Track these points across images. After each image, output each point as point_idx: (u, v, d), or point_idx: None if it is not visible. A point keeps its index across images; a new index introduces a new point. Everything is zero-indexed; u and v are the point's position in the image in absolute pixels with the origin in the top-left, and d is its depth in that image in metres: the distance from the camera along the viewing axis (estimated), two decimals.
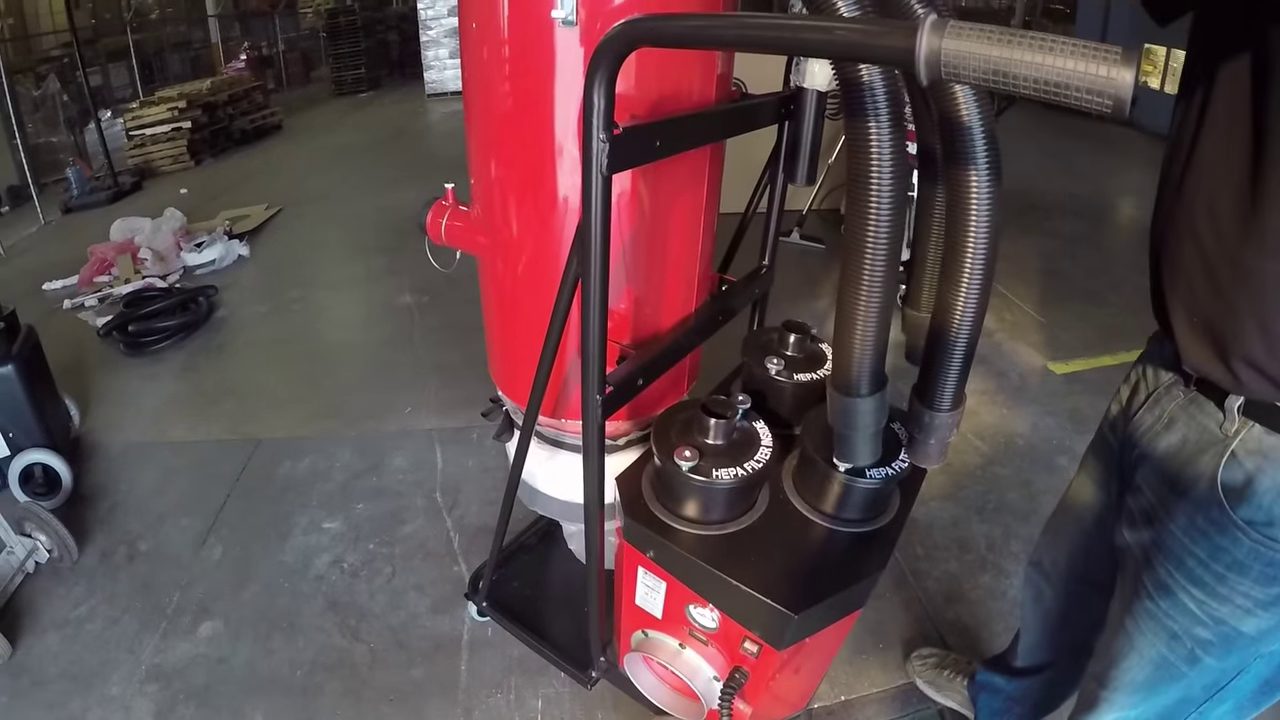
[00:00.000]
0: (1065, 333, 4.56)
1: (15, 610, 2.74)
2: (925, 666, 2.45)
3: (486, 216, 1.81)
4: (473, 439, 3.48)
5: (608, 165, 1.21)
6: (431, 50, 14.70)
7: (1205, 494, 1.17)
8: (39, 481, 3.25)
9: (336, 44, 16.81)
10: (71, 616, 2.73)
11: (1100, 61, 0.69)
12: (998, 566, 2.83)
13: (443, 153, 9.32)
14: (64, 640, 2.64)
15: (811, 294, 4.91)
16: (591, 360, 1.40)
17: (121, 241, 5.96)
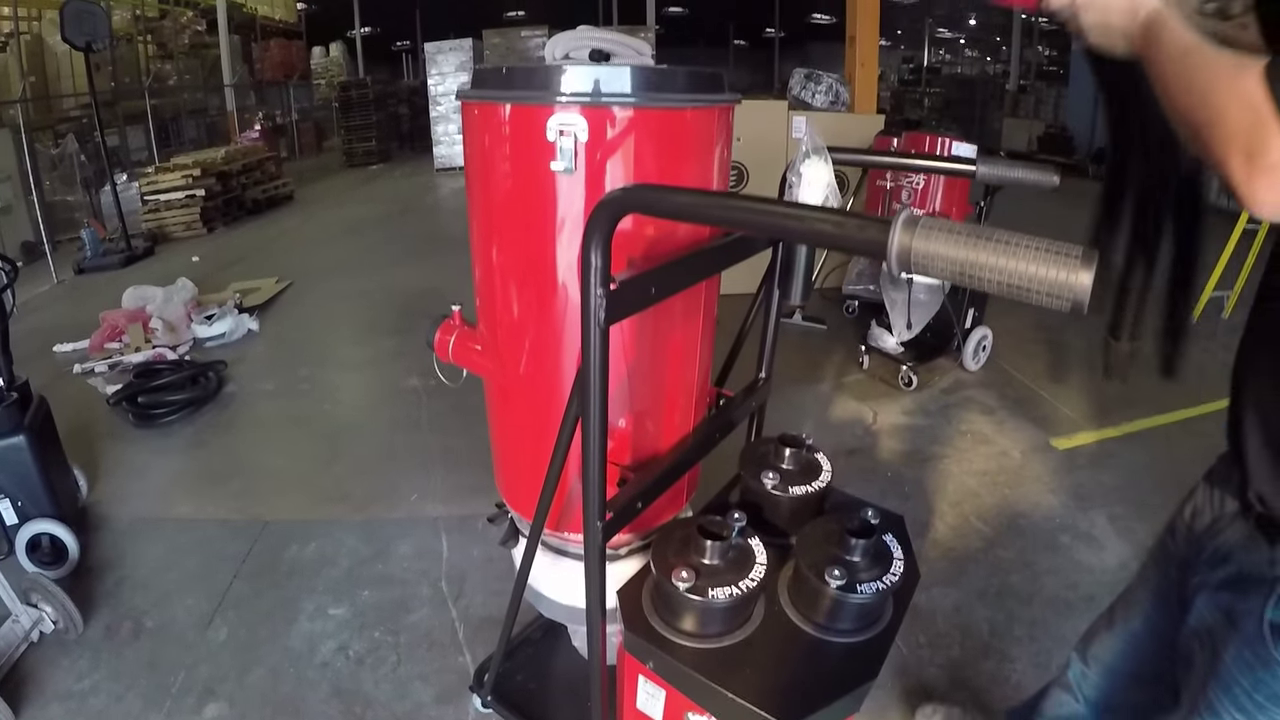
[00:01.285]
0: (1066, 406, 4.63)
1: (18, 679, 2.75)
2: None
3: (491, 340, 1.90)
4: (478, 528, 3.50)
5: (605, 318, 1.30)
6: (441, 125, 14.97)
7: (1254, 630, 1.23)
8: (46, 551, 3.28)
9: (348, 116, 17.13)
10: (75, 689, 2.74)
11: (1059, 266, 0.79)
12: (1001, 652, 2.82)
13: (450, 231, 9.45)
14: (67, 713, 2.65)
15: (814, 376, 4.99)
16: (592, 490, 1.47)
17: (133, 309, 6.05)
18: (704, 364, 2.01)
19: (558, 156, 1.51)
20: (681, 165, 1.65)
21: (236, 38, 18.35)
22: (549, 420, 1.75)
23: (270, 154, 12.59)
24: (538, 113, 1.51)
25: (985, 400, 4.72)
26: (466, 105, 1.69)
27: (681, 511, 2.19)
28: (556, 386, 1.76)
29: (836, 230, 0.96)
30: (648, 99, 1.52)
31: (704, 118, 1.66)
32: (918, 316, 4.64)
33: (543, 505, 1.74)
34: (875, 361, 5.11)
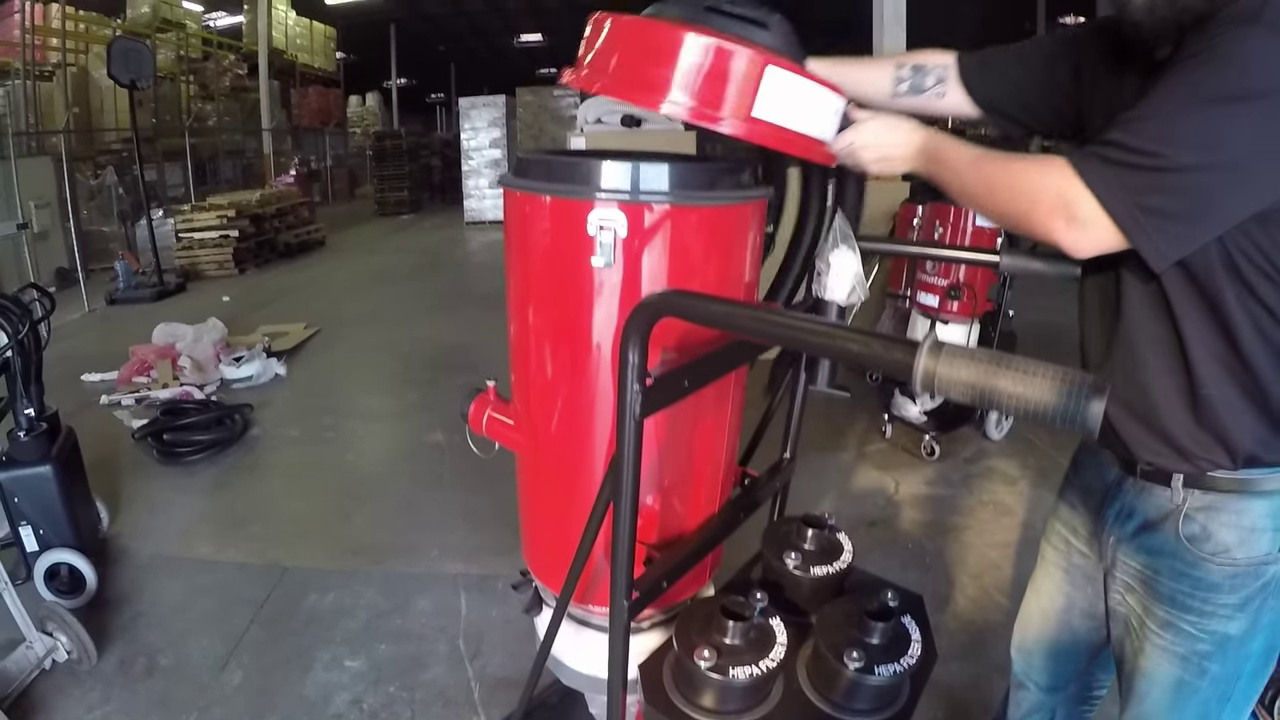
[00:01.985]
0: None
1: (27, 705, 2.76)
2: None
3: (524, 417, 1.92)
4: (498, 588, 3.49)
5: (640, 412, 1.34)
6: (472, 179, 15.13)
7: (1176, 547, 1.49)
8: (64, 580, 3.30)
9: (382, 165, 17.38)
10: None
11: (1073, 396, 0.84)
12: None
13: (479, 286, 9.52)
14: None
15: (836, 445, 4.97)
16: (620, 570, 1.49)
17: (163, 345, 6.13)
18: (731, 446, 2.03)
19: (597, 251, 1.55)
20: (717, 258, 1.70)
21: (276, 83, 18.76)
22: (578, 498, 1.78)
23: (304, 199, 12.79)
24: (578, 207, 1.56)
25: (1008, 470, 4.67)
26: (508, 192, 1.74)
27: (704, 588, 2.21)
28: (587, 466, 1.78)
29: (864, 350, 1.01)
30: (685, 197, 1.57)
31: (739, 213, 1.71)
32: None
33: (571, 579, 1.76)
34: (898, 430, 5.09)
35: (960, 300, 4.59)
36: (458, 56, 32.25)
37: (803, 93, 1.52)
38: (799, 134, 1.55)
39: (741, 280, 1.78)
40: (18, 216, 8.42)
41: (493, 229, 14.17)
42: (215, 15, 19.71)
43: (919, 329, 4.82)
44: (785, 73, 1.48)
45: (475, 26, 27.98)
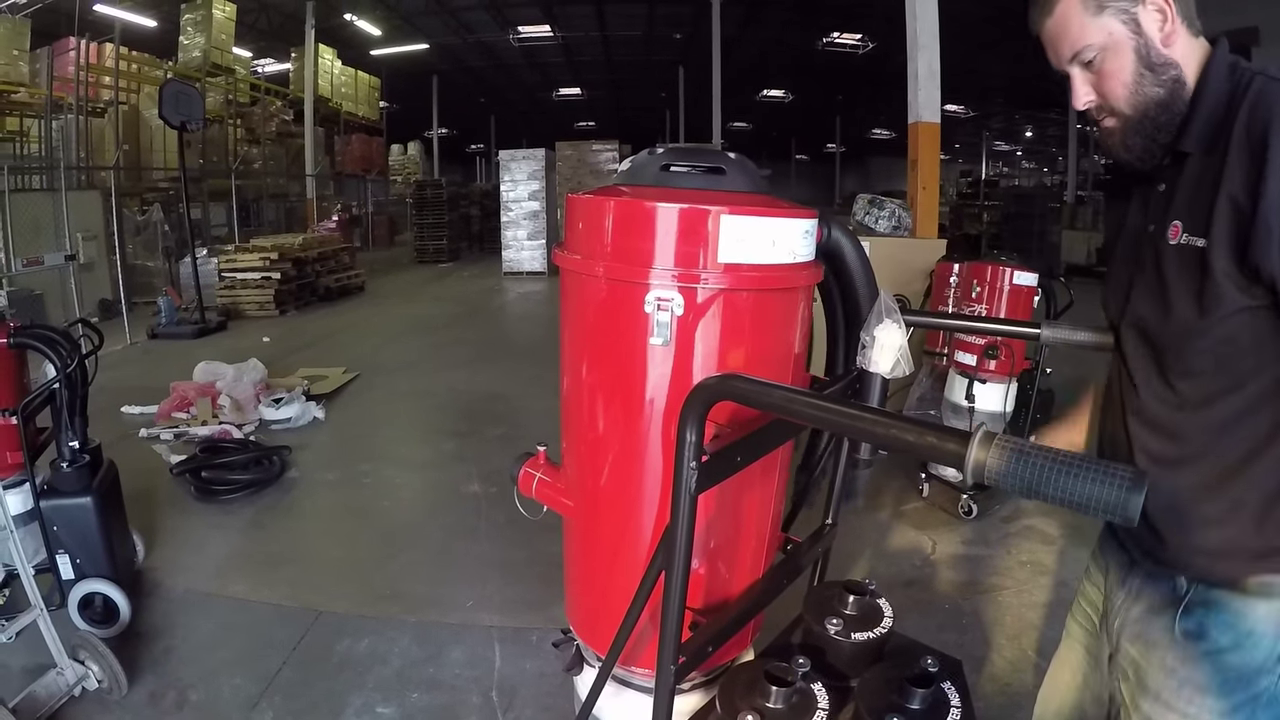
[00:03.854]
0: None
1: None
2: None
3: (576, 483, 1.95)
4: (532, 641, 3.48)
5: (695, 488, 1.37)
6: (510, 230, 15.29)
7: (1169, 640, 1.46)
8: (98, 610, 3.33)
9: (422, 213, 17.60)
10: None
11: (1115, 487, 0.89)
12: None
13: (516, 337, 9.64)
14: None
15: (873, 504, 4.92)
16: (669, 637, 1.50)
17: (203, 383, 6.21)
18: (776, 513, 2.04)
19: (654, 331, 1.59)
20: (770, 331, 1.74)
21: (321, 130, 19.18)
22: (625, 563, 1.81)
23: (345, 244, 12.98)
24: (635, 287, 1.60)
25: (1046, 529, 4.59)
26: (562, 259, 1.78)
27: (745, 651, 2.21)
28: (636, 533, 1.81)
29: (918, 441, 1.05)
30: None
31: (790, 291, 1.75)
32: None
33: (617, 644, 1.76)
34: (935, 489, 5.03)
35: (998, 359, 4.57)
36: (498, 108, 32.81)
37: (765, 229, 1.59)
38: (774, 266, 1.62)
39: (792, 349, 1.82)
40: (65, 248, 8.59)
41: (530, 280, 14.34)
42: (264, 62, 20.25)
43: (957, 388, 4.81)
44: (741, 217, 1.56)
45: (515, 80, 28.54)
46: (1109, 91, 1.39)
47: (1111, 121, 1.42)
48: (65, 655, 2.86)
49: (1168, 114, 1.36)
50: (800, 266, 1.70)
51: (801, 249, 1.68)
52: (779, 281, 1.67)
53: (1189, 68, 1.36)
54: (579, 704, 2.12)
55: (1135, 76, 1.35)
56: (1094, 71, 1.39)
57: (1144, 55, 1.34)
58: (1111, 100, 1.39)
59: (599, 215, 1.67)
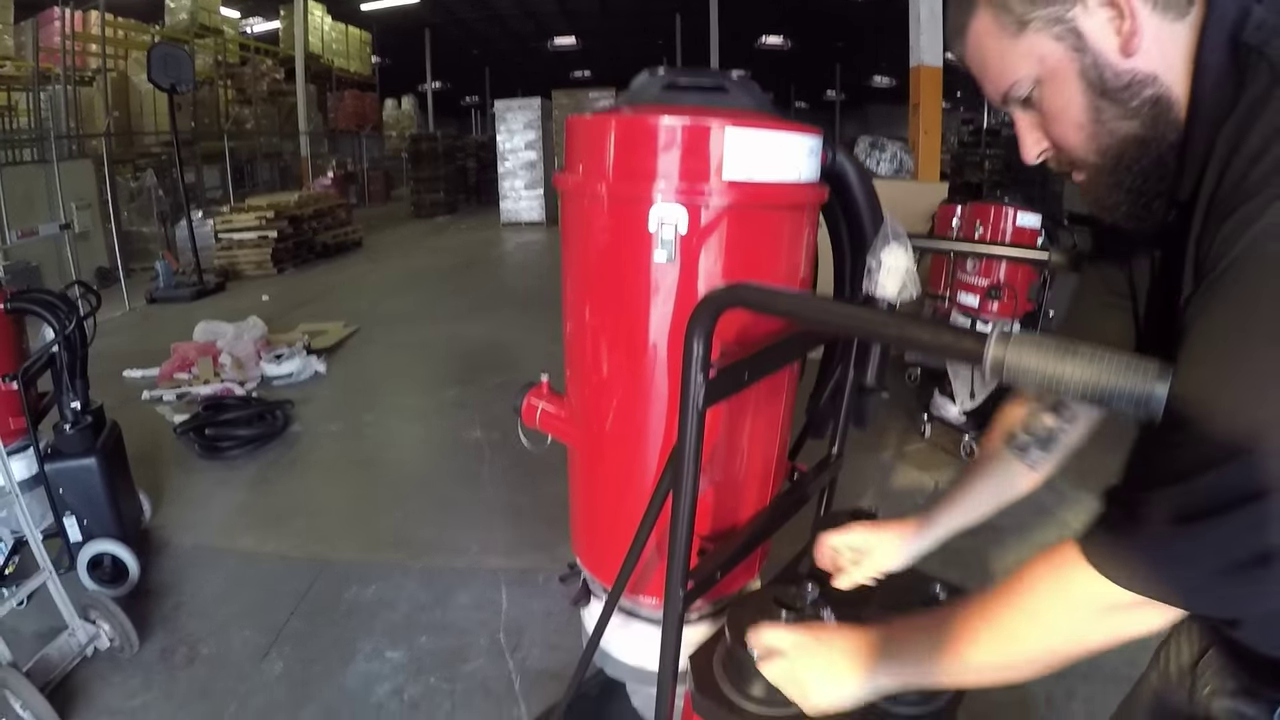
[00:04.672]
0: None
1: (69, 691, 2.77)
2: None
3: (580, 411, 1.92)
4: (538, 582, 3.49)
5: (703, 403, 1.33)
6: (507, 181, 15.19)
7: None
8: (106, 570, 3.33)
9: (418, 168, 17.48)
10: (125, 707, 2.76)
11: (1139, 380, 0.83)
12: None
13: (514, 286, 9.63)
14: None
15: (876, 444, 4.91)
16: (677, 561, 1.48)
17: (204, 343, 6.18)
18: (783, 440, 2.02)
19: (658, 246, 1.55)
20: (776, 251, 1.71)
21: (313, 87, 18.95)
22: (632, 490, 1.78)
23: (341, 201, 12.89)
24: (638, 205, 1.56)
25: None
26: (563, 181, 1.75)
27: (752, 581, 2.20)
28: (642, 459, 1.78)
29: (933, 339, 0.99)
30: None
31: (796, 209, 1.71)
32: (981, 387, 4.64)
33: (624, 572, 1.75)
34: (937, 430, 5.03)
35: (1000, 300, 4.55)
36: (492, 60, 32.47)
37: (769, 143, 1.54)
38: (779, 184, 1.58)
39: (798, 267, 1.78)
40: (60, 217, 8.53)
41: (528, 230, 14.28)
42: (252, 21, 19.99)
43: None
44: (746, 129, 1.50)
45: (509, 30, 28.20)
46: (1061, 137, 1.03)
47: (1080, 175, 1.06)
48: (76, 616, 2.86)
49: (1149, 153, 0.98)
50: (805, 186, 1.66)
51: (806, 167, 1.64)
52: (784, 198, 1.63)
53: (1174, 70, 0.95)
54: (586, 638, 2.11)
55: (1090, 112, 0.98)
56: (1037, 110, 1.04)
57: (1096, 80, 0.95)
58: (1068, 147, 1.03)
59: (600, 134, 1.63)
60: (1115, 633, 0.98)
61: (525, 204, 15.12)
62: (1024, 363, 0.88)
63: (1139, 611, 0.94)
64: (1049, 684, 2.94)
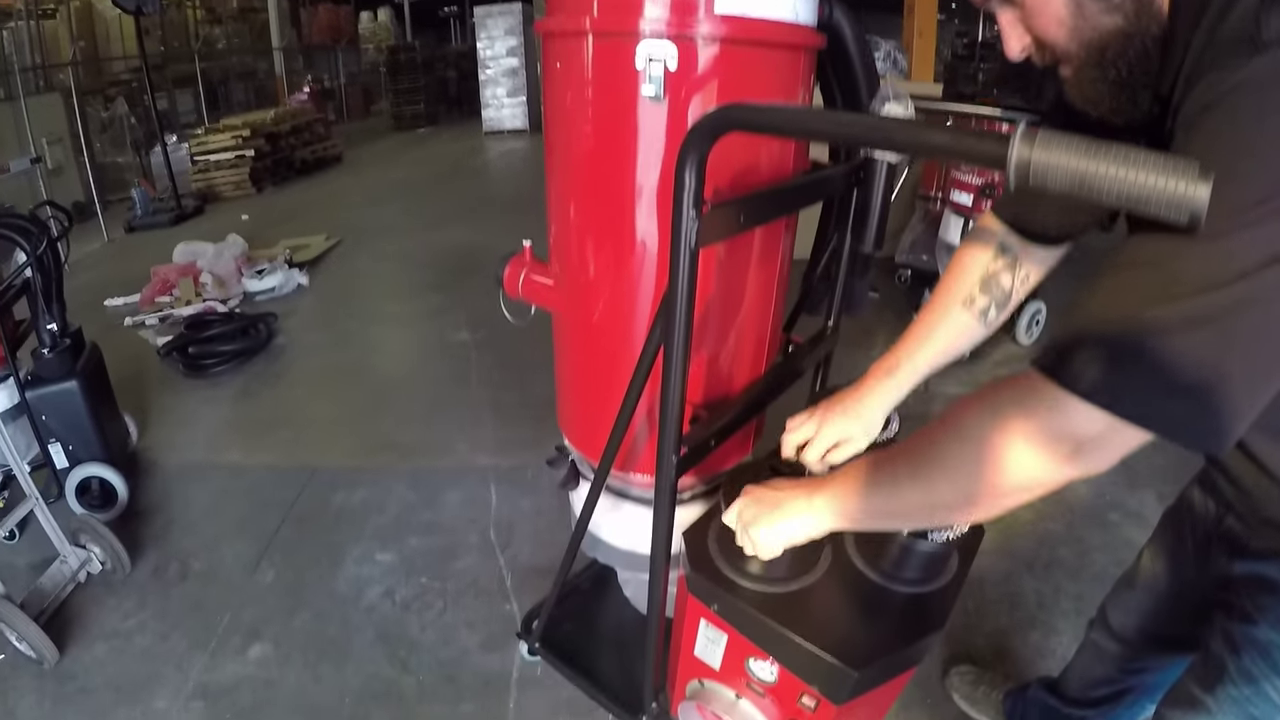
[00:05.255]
0: None
1: (65, 618, 2.76)
2: (963, 682, 2.47)
3: (565, 276, 1.84)
4: (527, 478, 3.47)
5: (696, 240, 1.24)
6: (489, 89, 14.88)
7: None
8: (95, 494, 3.30)
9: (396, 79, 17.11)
10: (121, 628, 2.75)
11: (1178, 179, 0.73)
12: (1048, 625, 2.78)
13: (499, 192, 9.47)
14: (112, 651, 2.66)
15: (866, 342, 4.87)
16: (670, 421, 1.42)
17: (184, 264, 6.09)
18: (778, 308, 1.96)
19: (646, 82, 1.46)
20: (769, 96, 1.60)
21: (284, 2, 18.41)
22: (621, 356, 1.71)
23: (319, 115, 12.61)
24: (625, 41, 1.46)
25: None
26: (544, 24, 1.64)
27: (745, 459, 2.14)
28: (631, 321, 1.71)
29: (952, 144, 0.88)
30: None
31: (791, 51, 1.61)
32: None
33: (612, 443, 1.68)
34: None
35: (995, 199, 4.36)
36: None
37: None
38: (773, 21, 1.48)
39: None
40: (30, 152, 8.32)
41: (511, 138, 14.04)
42: None
43: (952, 228, 4.70)
44: None
45: None
46: (1043, 31, 1.04)
47: (1066, 69, 1.07)
48: (66, 542, 2.84)
49: (1133, 46, 0.99)
50: (802, 27, 1.56)
51: (803, 8, 1.54)
52: (779, 36, 1.53)
53: None
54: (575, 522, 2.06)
55: (1070, 6, 0.99)
56: (1019, 7, 1.05)
57: None
58: (1050, 42, 1.04)
59: None
60: (1073, 465, 0.93)
61: (508, 111, 14.82)
62: (1053, 160, 0.78)
63: (1107, 440, 0.90)
64: (1037, 582, 2.95)
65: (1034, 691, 2.21)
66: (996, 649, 2.68)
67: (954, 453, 1.02)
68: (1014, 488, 0.97)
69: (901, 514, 1.16)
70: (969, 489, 1.00)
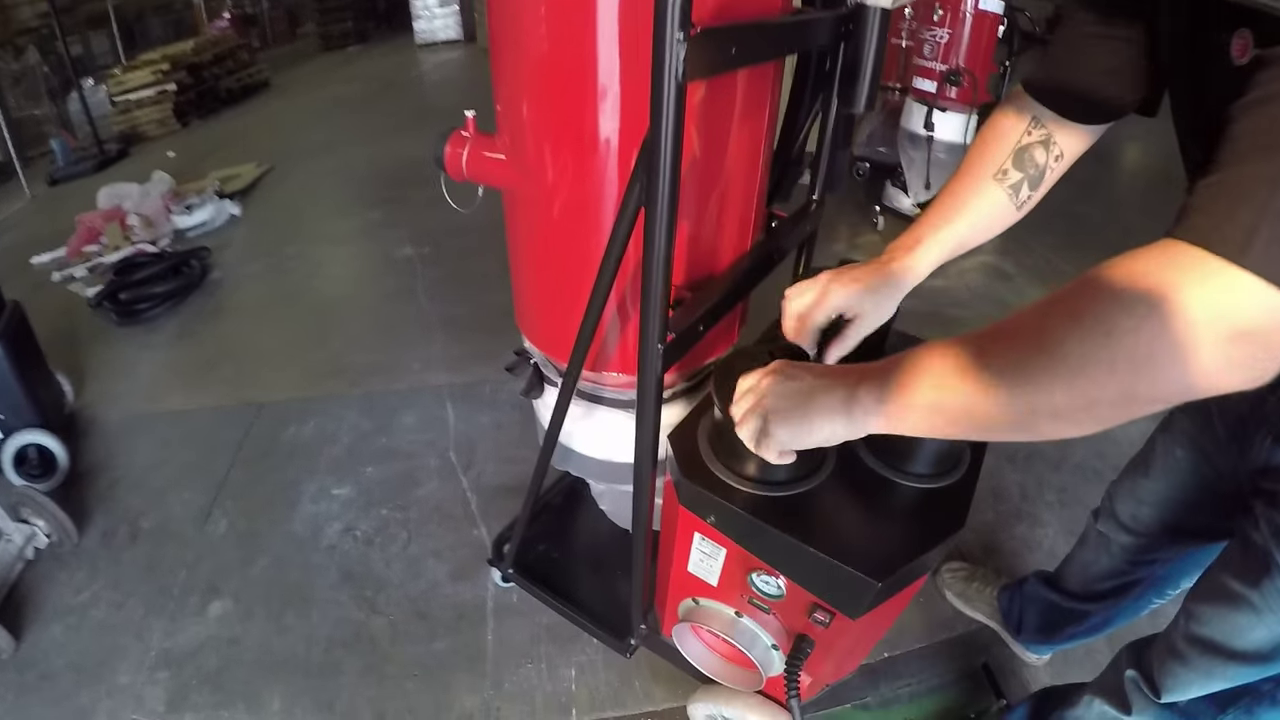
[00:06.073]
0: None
1: (17, 601, 2.60)
2: (955, 579, 2.46)
3: (516, 144, 1.57)
4: (485, 393, 3.34)
5: (683, 71, 1.00)
6: None
7: None
8: (34, 463, 3.09)
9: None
10: (75, 603, 2.60)
11: None
12: (1033, 517, 2.77)
13: (436, 103, 9.21)
14: (68, 630, 2.51)
15: (828, 236, 4.76)
16: (654, 304, 1.21)
17: (109, 209, 5.77)
18: (763, 176, 1.73)
19: None
20: None
21: None
22: (590, 232, 1.49)
23: (242, 42, 12.11)
24: None
25: (1003, 267, 4.53)
26: None
27: (730, 348, 1.94)
28: (600, 189, 1.46)
29: None
30: None
31: None
32: (936, 176, 4.58)
33: (583, 338, 1.46)
34: (890, 222, 5.00)
35: (960, 86, 4.34)
36: None
37: None
38: None
39: None
40: None
41: (445, 49, 13.67)
42: None
43: (915, 116, 4.58)
44: None
45: None
46: None
47: None
48: (8, 519, 2.67)
49: None
50: None
51: None
52: None
53: None
54: (542, 434, 1.85)
55: None
56: None
57: None
58: None
59: None
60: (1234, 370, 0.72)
61: (440, 22, 14.32)
62: None
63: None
64: (1019, 475, 2.94)
65: (1031, 586, 2.19)
66: (984, 544, 2.66)
67: (1076, 344, 0.77)
68: (1151, 396, 0.75)
69: (983, 421, 0.87)
70: (1093, 393, 0.77)
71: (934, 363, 0.91)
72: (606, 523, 2.31)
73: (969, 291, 4.22)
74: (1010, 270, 4.49)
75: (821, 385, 1.04)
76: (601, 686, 2.24)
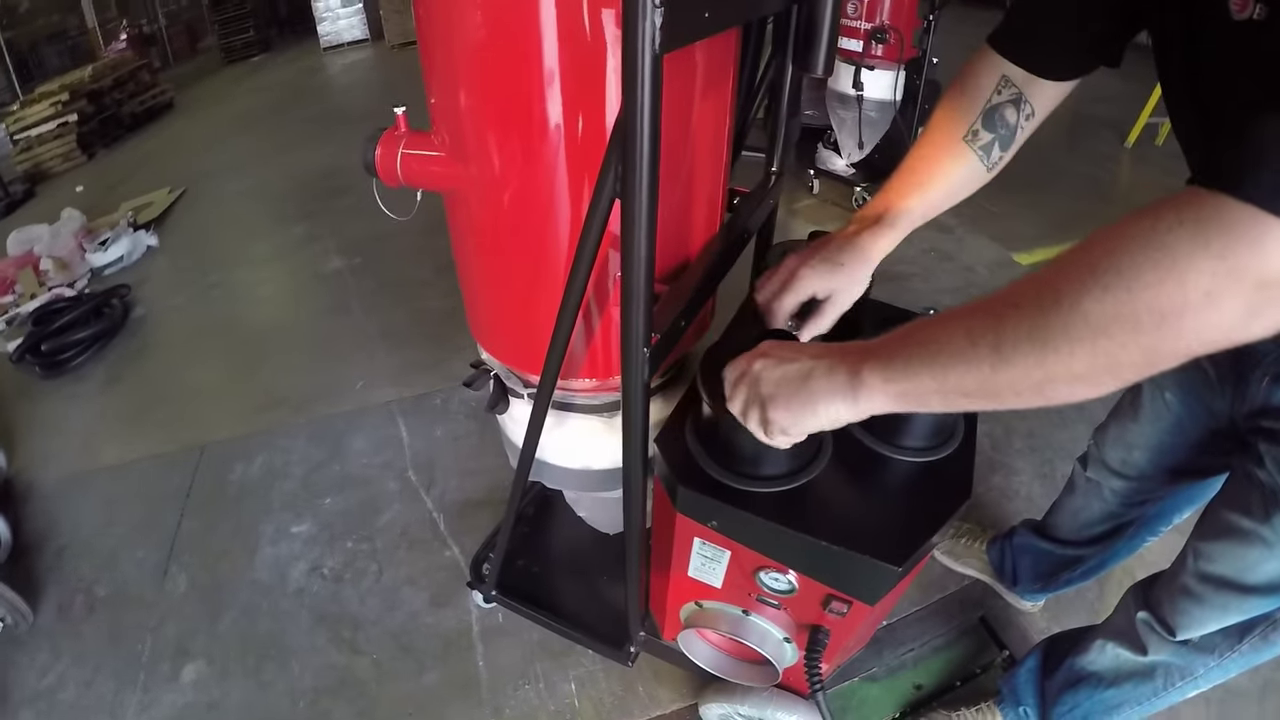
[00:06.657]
0: (1020, 222, 4.53)
1: None
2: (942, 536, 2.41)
3: (457, 140, 1.38)
4: (436, 405, 3.25)
5: (662, 40, 0.87)
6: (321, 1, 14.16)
7: None
8: None
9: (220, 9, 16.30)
10: (41, 688, 2.46)
11: None
12: (1007, 466, 2.81)
13: (349, 106, 9.06)
14: (39, 717, 2.38)
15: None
16: (636, 304, 1.11)
17: (20, 255, 5.55)
18: (728, 151, 1.60)
19: None
20: None
21: None
22: (547, 235, 1.34)
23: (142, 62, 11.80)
24: None
25: (942, 219, 4.38)
26: None
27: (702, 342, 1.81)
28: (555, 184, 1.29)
29: None
30: None
31: None
32: (869, 135, 4.59)
33: (556, 346, 1.31)
34: (825, 185, 5.01)
35: (886, 44, 4.27)
36: None
37: None
38: None
39: None
40: None
41: (351, 50, 13.51)
42: None
43: (843, 77, 4.53)
44: None
45: None
46: None
47: None
48: None
49: None
50: None
51: None
52: None
53: None
54: (512, 451, 1.75)
55: None
56: None
57: None
58: None
59: None
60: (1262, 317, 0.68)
61: (345, 23, 14.06)
62: None
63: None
64: (987, 424, 2.92)
65: (1020, 537, 2.21)
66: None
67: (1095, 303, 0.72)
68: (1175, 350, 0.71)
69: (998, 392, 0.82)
70: (1115, 352, 0.72)
71: (941, 335, 0.85)
72: (586, 529, 2.22)
73: (912, 247, 4.17)
74: (950, 223, 4.52)
75: (821, 367, 0.98)
76: (605, 697, 2.19)
